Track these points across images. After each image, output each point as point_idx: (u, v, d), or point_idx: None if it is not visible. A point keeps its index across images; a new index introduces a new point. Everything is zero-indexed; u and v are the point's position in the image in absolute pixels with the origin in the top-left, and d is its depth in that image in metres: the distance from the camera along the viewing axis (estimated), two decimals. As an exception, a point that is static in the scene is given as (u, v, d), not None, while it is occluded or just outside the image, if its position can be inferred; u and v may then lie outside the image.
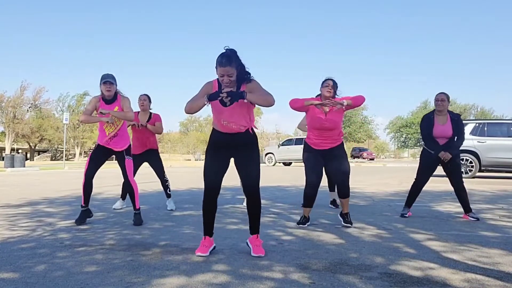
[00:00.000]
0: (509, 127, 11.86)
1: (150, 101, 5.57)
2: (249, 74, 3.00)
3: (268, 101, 2.94)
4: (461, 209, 4.93)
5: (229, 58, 2.86)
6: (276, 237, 3.72)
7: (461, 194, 4.77)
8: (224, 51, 2.92)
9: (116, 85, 4.41)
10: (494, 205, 6.01)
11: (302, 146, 5.39)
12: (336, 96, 4.17)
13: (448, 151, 4.65)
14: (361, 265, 2.80)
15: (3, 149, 47.91)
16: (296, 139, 24.46)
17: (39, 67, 78.48)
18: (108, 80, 4.29)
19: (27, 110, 49.32)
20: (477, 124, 12.09)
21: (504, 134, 11.77)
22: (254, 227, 3.16)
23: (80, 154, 52.37)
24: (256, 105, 3.03)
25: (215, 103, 3.00)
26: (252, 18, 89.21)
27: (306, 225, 4.26)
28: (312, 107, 4.10)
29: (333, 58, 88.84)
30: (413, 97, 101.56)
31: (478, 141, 11.71)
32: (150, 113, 5.57)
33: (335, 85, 4.16)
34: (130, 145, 4.57)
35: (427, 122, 4.78)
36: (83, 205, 4.42)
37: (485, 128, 11.90)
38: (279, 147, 24.46)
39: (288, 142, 24.72)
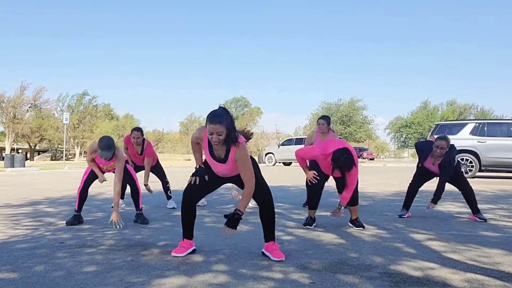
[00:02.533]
0: (509, 127, 11.86)
1: (142, 134, 5.52)
2: (238, 136, 2.85)
3: (251, 194, 2.92)
4: (461, 209, 4.94)
5: (219, 116, 2.73)
6: (276, 237, 3.71)
7: (469, 196, 4.73)
8: (217, 109, 2.82)
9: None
10: (494, 205, 6.01)
11: (302, 146, 5.44)
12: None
13: (433, 200, 4.60)
14: (361, 265, 2.80)
15: (3, 149, 47.90)
16: (296, 139, 24.44)
17: (39, 67, 78.62)
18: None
19: (27, 110, 49.29)
20: (477, 124, 12.09)
21: (504, 134, 11.76)
22: (271, 235, 3.08)
23: (80, 154, 52.32)
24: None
25: (210, 162, 3.04)
26: (252, 18, 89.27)
27: (312, 226, 4.24)
28: (318, 159, 4.08)
29: (333, 58, 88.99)
30: (413, 97, 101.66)
31: (478, 141, 11.71)
32: (143, 140, 5.52)
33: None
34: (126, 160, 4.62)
35: (424, 155, 4.67)
36: (76, 210, 4.44)
37: (485, 128, 11.91)
38: (279, 147, 24.42)
39: (288, 142, 24.67)
